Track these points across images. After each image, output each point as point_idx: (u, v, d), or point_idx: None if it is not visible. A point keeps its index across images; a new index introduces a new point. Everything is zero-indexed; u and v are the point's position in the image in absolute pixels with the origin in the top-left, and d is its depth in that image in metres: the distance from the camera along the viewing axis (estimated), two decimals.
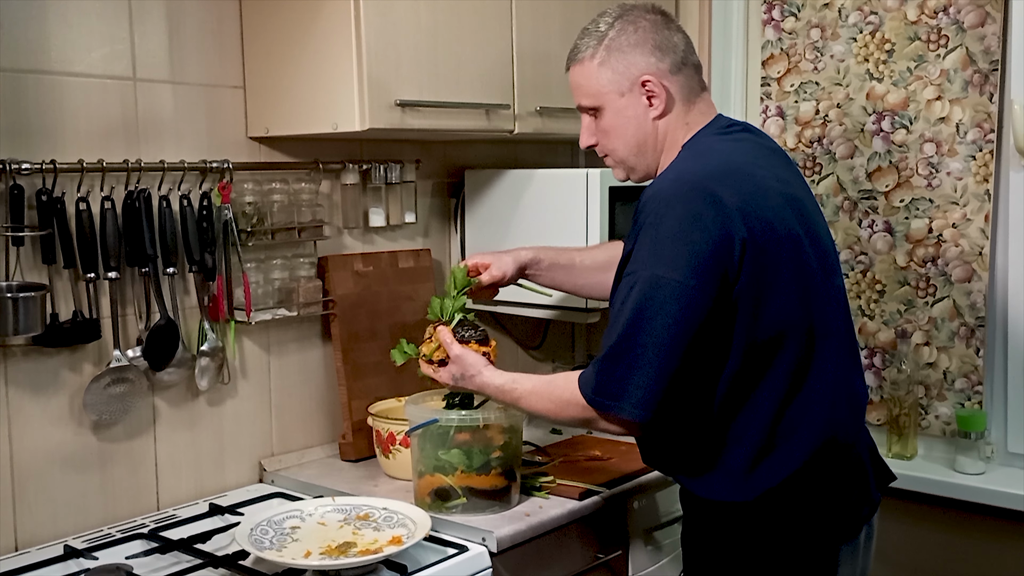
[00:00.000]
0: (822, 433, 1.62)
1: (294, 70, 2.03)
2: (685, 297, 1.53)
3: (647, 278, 1.55)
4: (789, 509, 1.62)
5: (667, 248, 1.55)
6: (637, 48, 1.70)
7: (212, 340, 2.06)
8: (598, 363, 1.61)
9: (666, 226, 1.56)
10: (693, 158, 1.68)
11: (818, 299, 1.64)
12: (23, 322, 1.72)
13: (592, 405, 1.61)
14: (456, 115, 2.12)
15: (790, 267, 1.60)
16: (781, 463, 1.61)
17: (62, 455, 1.89)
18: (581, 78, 1.76)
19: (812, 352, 1.62)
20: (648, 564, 2.16)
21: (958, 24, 2.37)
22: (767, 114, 2.67)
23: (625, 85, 1.71)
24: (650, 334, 1.54)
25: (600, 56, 1.72)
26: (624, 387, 1.57)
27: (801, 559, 1.63)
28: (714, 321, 1.55)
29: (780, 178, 1.69)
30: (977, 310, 2.39)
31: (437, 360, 1.87)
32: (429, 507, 1.89)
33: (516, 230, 2.42)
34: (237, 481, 2.17)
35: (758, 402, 1.60)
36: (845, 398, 1.69)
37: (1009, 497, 2.27)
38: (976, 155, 2.37)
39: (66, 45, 1.86)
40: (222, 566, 1.72)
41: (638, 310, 1.55)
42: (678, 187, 1.60)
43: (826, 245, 1.72)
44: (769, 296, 1.57)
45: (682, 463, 1.70)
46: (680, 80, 1.72)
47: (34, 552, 1.82)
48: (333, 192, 2.31)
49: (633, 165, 1.78)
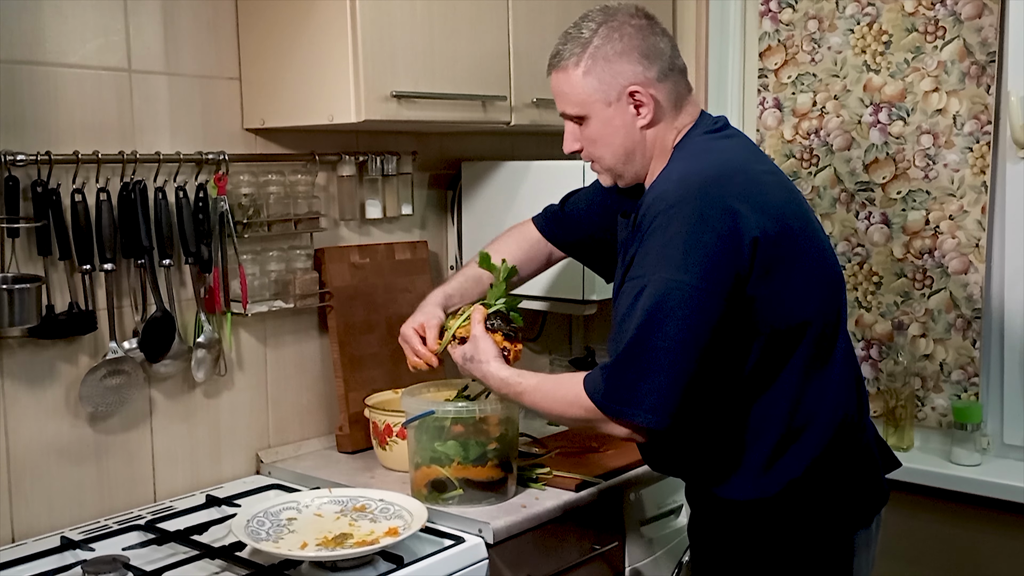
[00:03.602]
0: (836, 418, 1.64)
1: (290, 61, 2.03)
2: (697, 300, 1.51)
3: (657, 282, 1.53)
4: (807, 499, 1.62)
5: (676, 251, 1.52)
6: (623, 57, 1.66)
7: (208, 332, 2.06)
8: (607, 368, 1.59)
9: (673, 229, 1.53)
10: (692, 158, 1.65)
11: (828, 288, 1.66)
12: (19, 314, 1.71)
13: (603, 411, 1.58)
14: (452, 107, 2.12)
15: (803, 258, 1.60)
16: (800, 454, 1.61)
17: (58, 447, 1.89)
18: (565, 86, 1.71)
19: (826, 341, 1.63)
20: (644, 555, 2.16)
21: (955, 15, 2.37)
22: (764, 106, 2.67)
23: (612, 95, 1.67)
24: (662, 338, 1.52)
25: (585, 65, 1.67)
26: (635, 392, 1.54)
27: (820, 548, 1.63)
28: (729, 323, 1.54)
29: (771, 171, 1.70)
30: (974, 302, 2.39)
31: (459, 337, 1.87)
32: (425, 498, 1.89)
33: (513, 222, 2.40)
34: (234, 473, 2.17)
35: (775, 397, 1.60)
36: (855, 381, 1.71)
37: (1005, 488, 2.28)
38: (973, 147, 2.37)
39: (61, 36, 1.85)
40: (219, 557, 1.72)
41: (649, 314, 1.52)
42: (683, 189, 1.57)
43: (822, 233, 1.73)
44: (786, 289, 1.57)
45: (696, 466, 1.69)
46: (667, 87, 1.68)
47: (31, 543, 1.82)
48: (329, 184, 2.31)
49: (621, 172, 1.75)
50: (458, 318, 1.89)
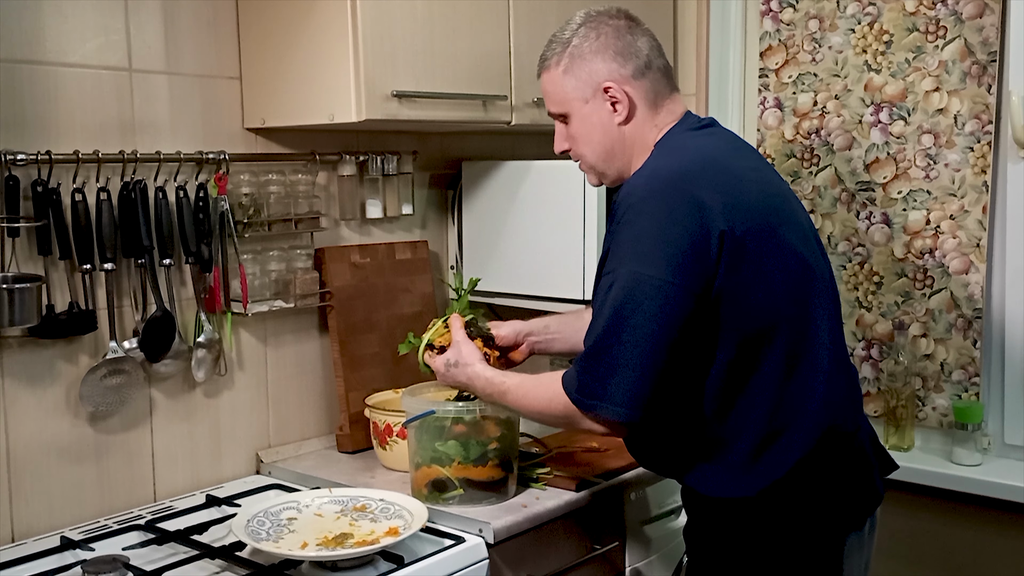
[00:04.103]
0: (822, 421, 1.62)
1: (290, 61, 2.03)
2: (664, 294, 1.52)
3: (625, 275, 1.55)
4: (794, 500, 1.61)
5: (645, 245, 1.55)
6: (598, 55, 1.70)
7: (209, 332, 2.06)
8: (579, 362, 1.61)
9: (642, 223, 1.56)
10: (666, 154, 1.67)
11: (804, 287, 1.64)
12: (19, 313, 1.71)
13: (575, 404, 1.60)
14: (453, 106, 2.12)
15: (773, 257, 1.60)
16: (783, 454, 1.60)
17: (58, 446, 1.89)
18: (549, 85, 1.76)
19: (804, 340, 1.62)
20: (645, 555, 2.16)
21: (956, 15, 2.36)
22: (765, 105, 2.67)
23: (588, 92, 1.71)
24: (631, 332, 1.53)
25: (564, 63, 1.72)
26: (605, 386, 1.56)
27: (809, 550, 1.63)
28: (698, 316, 1.55)
29: (755, 168, 1.70)
30: (974, 302, 2.39)
31: (438, 346, 1.88)
32: (426, 498, 1.89)
33: (513, 222, 2.41)
34: (234, 472, 2.17)
35: (753, 395, 1.60)
36: (842, 385, 1.68)
37: (1006, 488, 2.28)
38: (974, 146, 2.37)
39: (61, 36, 1.85)
40: (219, 557, 1.72)
41: (618, 309, 1.55)
42: (652, 183, 1.60)
43: (807, 232, 1.71)
44: (753, 287, 1.57)
45: (680, 463, 1.69)
46: (644, 85, 1.71)
47: (31, 543, 1.82)
48: (330, 183, 2.31)
49: (603, 170, 1.77)
50: (429, 329, 1.92)
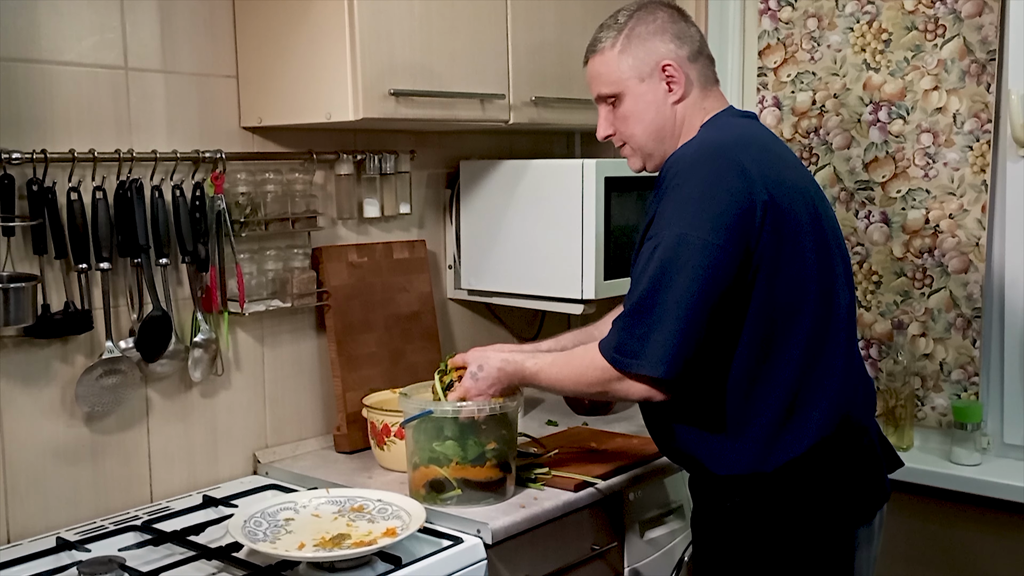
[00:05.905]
0: (839, 408, 1.66)
1: (287, 59, 2.02)
2: (710, 255, 1.56)
3: (670, 237, 1.59)
4: (807, 486, 1.64)
5: (692, 208, 1.59)
6: (657, 36, 1.76)
7: (205, 331, 2.05)
8: (619, 322, 1.65)
9: (690, 187, 1.61)
10: (714, 130, 1.74)
11: (832, 268, 1.69)
12: (14, 313, 1.70)
13: (613, 365, 1.64)
14: (450, 105, 2.11)
15: (808, 236, 1.65)
16: (802, 431, 1.63)
17: (54, 447, 1.88)
18: (601, 67, 1.79)
19: (827, 324, 1.66)
20: (643, 556, 2.15)
21: (955, 14, 2.36)
22: (764, 104, 2.66)
23: (646, 71, 1.76)
24: (674, 291, 1.57)
25: (621, 44, 1.77)
26: (644, 344, 1.59)
27: (821, 542, 1.65)
28: (736, 285, 1.59)
29: (795, 163, 1.78)
30: (974, 301, 2.39)
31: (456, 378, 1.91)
32: (424, 499, 1.88)
33: (511, 221, 2.41)
34: (231, 473, 2.16)
35: (778, 370, 1.63)
36: (859, 379, 1.73)
37: (1005, 488, 2.28)
38: (973, 145, 2.36)
39: (56, 34, 1.84)
40: (215, 558, 1.71)
41: (662, 268, 1.59)
42: (701, 152, 1.66)
43: (833, 220, 1.77)
44: (787, 262, 1.61)
45: (698, 440, 1.70)
46: (698, 67, 1.78)
47: (26, 544, 1.81)
48: (327, 183, 2.30)
49: (651, 151, 1.80)
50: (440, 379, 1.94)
